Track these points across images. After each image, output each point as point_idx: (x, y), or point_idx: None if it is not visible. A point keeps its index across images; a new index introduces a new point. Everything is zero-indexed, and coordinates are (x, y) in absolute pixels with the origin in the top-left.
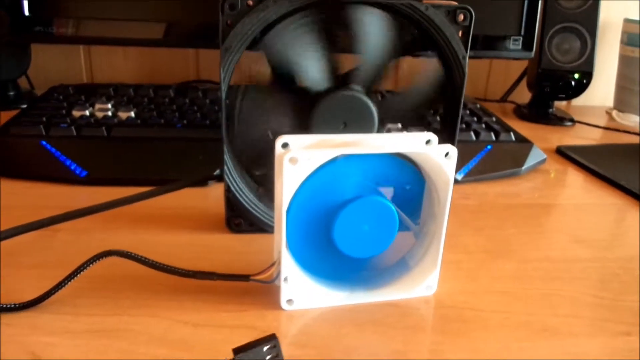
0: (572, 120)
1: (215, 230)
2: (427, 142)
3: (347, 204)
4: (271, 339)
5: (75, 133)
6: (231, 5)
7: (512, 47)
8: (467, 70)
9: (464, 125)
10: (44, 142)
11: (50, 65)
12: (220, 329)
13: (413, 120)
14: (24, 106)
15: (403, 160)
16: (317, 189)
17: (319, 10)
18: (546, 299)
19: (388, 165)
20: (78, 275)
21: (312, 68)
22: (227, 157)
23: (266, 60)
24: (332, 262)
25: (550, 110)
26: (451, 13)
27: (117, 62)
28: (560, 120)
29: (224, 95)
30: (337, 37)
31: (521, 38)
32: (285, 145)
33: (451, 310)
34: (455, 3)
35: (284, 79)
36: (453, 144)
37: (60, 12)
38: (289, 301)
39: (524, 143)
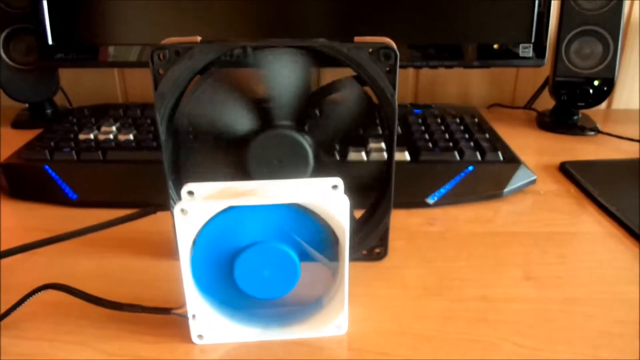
0: (595, 129)
1: (175, 257)
2: (334, 187)
3: (244, 250)
4: None
5: (75, 157)
6: (160, 55)
7: (522, 54)
8: (396, 106)
9: (450, 144)
10: (46, 167)
11: (88, 82)
12: None
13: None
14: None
15: (298, 209)
16: (218, 234)
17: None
18: (460, 344)
19: (287, 212)
20: (20, 307)
21: (233, 116)
22: (171, 192)
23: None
24: (244, 299)
25: (576, 117)
26: (374, 53)
27: (149, 80)
28: (582, 130)
29: (163, 137)
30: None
31: (532, 45)
32: (191, 193)
33: (355, 353)
34: (386, 40)
35: (210, 131)
36: (390, 184)
37: (81, 40)
38: (200, 336)
39: (512, 163)
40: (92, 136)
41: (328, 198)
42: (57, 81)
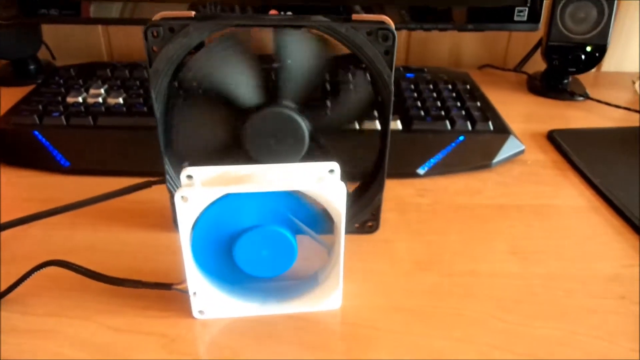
0: (584, 95)
1: (171, 229)
2: (331, 171)
3: (243, 232)
4: None
5: (65, 122)
6: (154, 32)
7: (517, 18)
8: (392, 88)
9: (442, 112)
10: (36, 132)
11: (72, 37)
12: (136, 335)
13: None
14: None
15: (295, 193)
16: (217, 218)
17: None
18: (447, 319)
19: (283, 196)
20: (23, 283)
21: (241, 84)
22: (168, 167)
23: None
24: (243, 276)
25: (566, 81)
26: (373, 33)
27: (135, 36)
28: (571, 95)
29: (157, 114)
30: (264, 54)
31: (527, 9)
32: (190, 177)
33: (348, 328)
34: (384, 18)
35: (214, 97)
36: (383, 162)
37: None
38: (201, 312)
39: (501, 133)
40: (80, 99)
41: (325, 184)
42: (40, 37)
